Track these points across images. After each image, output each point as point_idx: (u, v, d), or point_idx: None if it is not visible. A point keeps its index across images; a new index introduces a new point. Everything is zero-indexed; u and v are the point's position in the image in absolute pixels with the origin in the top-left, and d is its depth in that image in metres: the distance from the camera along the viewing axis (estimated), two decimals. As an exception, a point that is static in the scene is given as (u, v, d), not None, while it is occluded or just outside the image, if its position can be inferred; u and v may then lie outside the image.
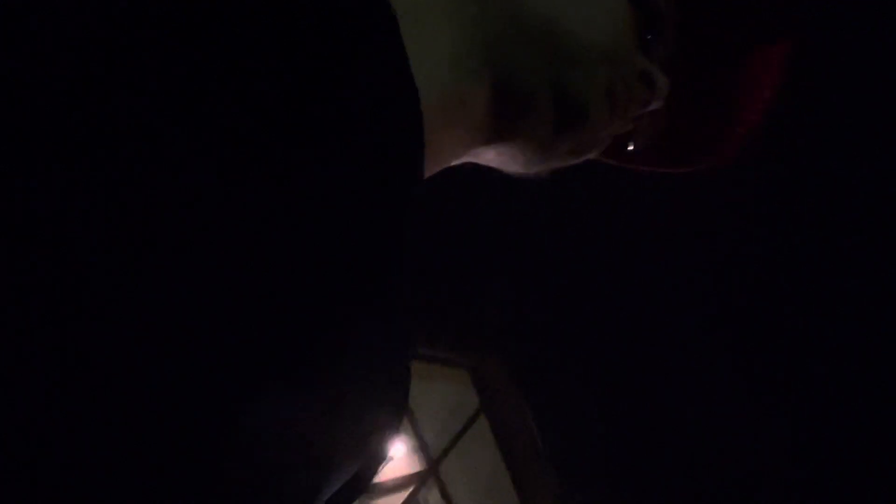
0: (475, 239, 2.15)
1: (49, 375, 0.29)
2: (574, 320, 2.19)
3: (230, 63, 0.35)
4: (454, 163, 0.57)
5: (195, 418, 0.32)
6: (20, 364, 0.29)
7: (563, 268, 2.00)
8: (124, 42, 0.33)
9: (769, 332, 1.76)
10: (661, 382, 2.14)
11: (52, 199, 0.30)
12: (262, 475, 0.35)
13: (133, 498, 0.31)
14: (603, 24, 0.55)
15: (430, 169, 0.53)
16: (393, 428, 0.46)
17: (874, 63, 1.37)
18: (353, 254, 0.38)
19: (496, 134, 0.55)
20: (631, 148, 0.63)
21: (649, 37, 0.58)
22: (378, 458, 0.46)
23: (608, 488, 2.64)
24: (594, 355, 2.28)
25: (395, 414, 0.46)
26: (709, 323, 1.86)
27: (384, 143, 0.42)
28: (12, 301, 0.28)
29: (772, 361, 1.83)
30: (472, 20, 0.51)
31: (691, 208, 1.63)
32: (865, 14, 1.36)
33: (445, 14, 0.50)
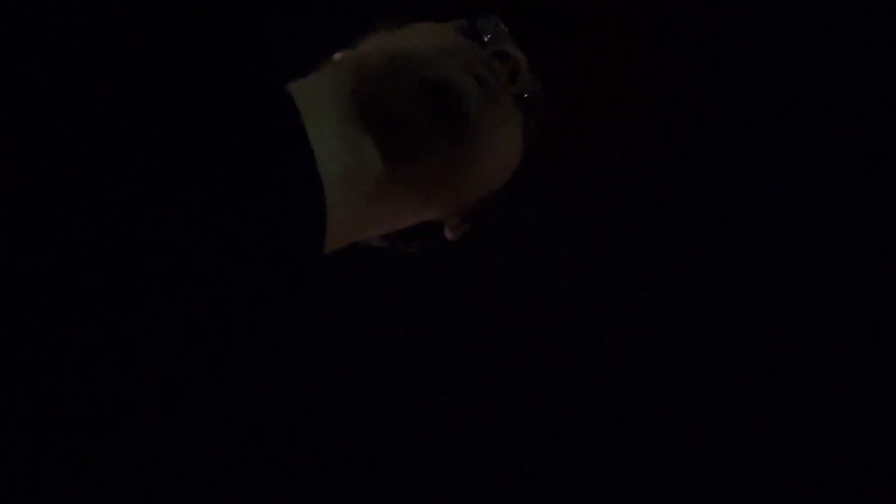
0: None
1: None
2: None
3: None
4: (366, 235, 0.66)
5: None
6: None
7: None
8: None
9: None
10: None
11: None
12: None
13: None
14: (435, 35, 0.65)
15: (339, 241, 0.61)
16: None
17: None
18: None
19: (400, 182, 0.62)
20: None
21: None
22: None
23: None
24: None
25: None
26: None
27: (289, 218, 0.49)
28: None
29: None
30: (347, 96, 0.60)
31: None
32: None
33: (329, 99, 0.59)
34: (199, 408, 0.42)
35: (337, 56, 0.65)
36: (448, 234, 0.70)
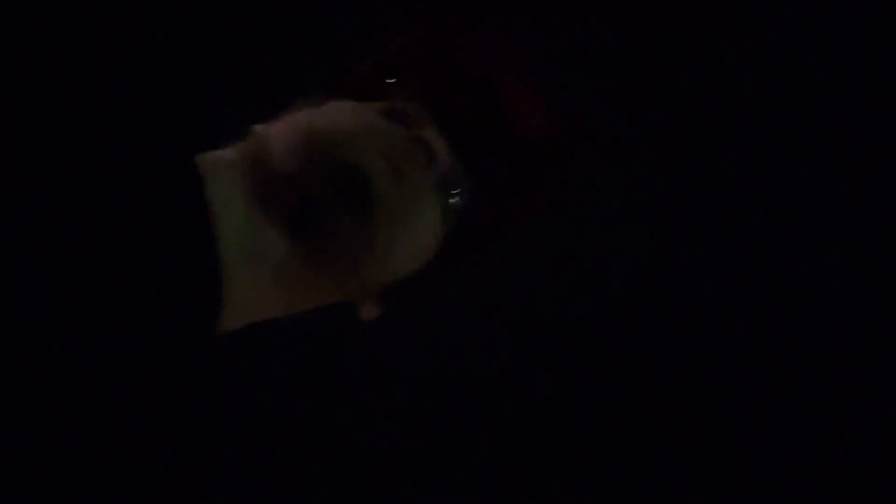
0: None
1: None
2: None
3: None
4: (274, 314, 0.64)
5: None
6: None
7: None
8: None
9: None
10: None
11: None
12: None
13: None
14: (352, 115, 0.64)
15: (242, 319, 0.60)
16: None
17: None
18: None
19: (304, 264, 0.61)
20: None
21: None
22: None
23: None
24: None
25: None
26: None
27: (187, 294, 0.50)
28: None
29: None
30: (254, 174, 0.59)
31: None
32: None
33: (236, 176, 0.59)
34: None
35: (256, 128, 0.64)
36: (362, 315, 0.70)
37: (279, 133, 0.62)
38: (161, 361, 0.46)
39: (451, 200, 0.66)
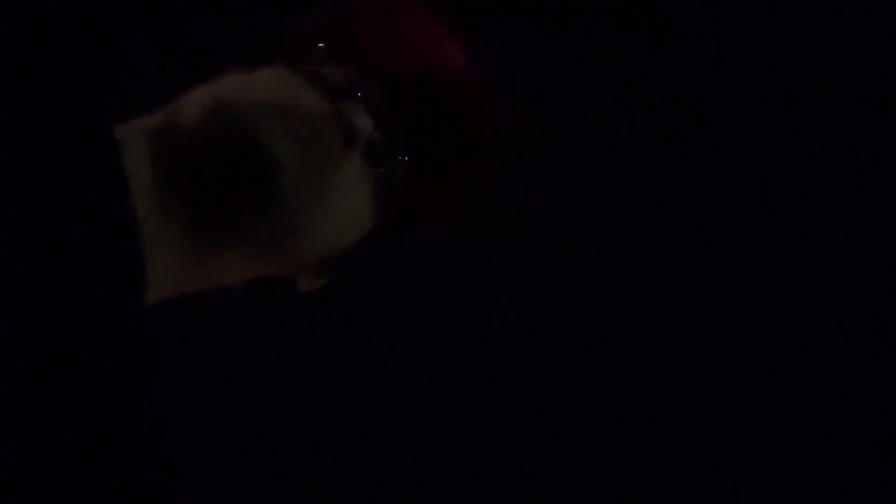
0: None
1: None
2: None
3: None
4: (198, 286, 0.63)
5: None
6: None
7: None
8: None
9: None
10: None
11: None
12: None
13: None
14: (271, 87, 0.61)
15: (165, 292, 0.59)
16: None
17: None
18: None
19: (209, 245, 0.59)
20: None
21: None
22: None
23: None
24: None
25: None
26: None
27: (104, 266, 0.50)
28: None
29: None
30: (162, 150, 0.57)
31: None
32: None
33: (148, 150, 0.57)
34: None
35: (182, 96, 0.61)
36: (300, 287, 0.67)
37: (194, 100, 0.60)
38: (94, 339, 0.45)
39: (381, 171, 0.64)
